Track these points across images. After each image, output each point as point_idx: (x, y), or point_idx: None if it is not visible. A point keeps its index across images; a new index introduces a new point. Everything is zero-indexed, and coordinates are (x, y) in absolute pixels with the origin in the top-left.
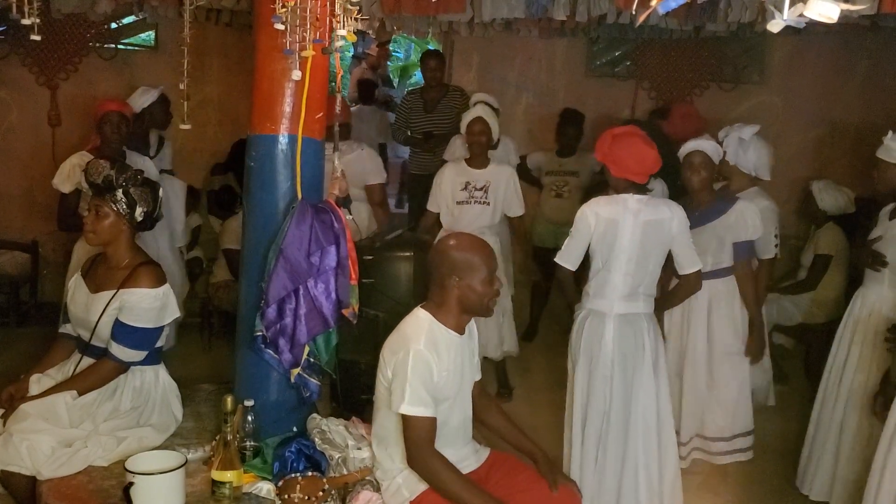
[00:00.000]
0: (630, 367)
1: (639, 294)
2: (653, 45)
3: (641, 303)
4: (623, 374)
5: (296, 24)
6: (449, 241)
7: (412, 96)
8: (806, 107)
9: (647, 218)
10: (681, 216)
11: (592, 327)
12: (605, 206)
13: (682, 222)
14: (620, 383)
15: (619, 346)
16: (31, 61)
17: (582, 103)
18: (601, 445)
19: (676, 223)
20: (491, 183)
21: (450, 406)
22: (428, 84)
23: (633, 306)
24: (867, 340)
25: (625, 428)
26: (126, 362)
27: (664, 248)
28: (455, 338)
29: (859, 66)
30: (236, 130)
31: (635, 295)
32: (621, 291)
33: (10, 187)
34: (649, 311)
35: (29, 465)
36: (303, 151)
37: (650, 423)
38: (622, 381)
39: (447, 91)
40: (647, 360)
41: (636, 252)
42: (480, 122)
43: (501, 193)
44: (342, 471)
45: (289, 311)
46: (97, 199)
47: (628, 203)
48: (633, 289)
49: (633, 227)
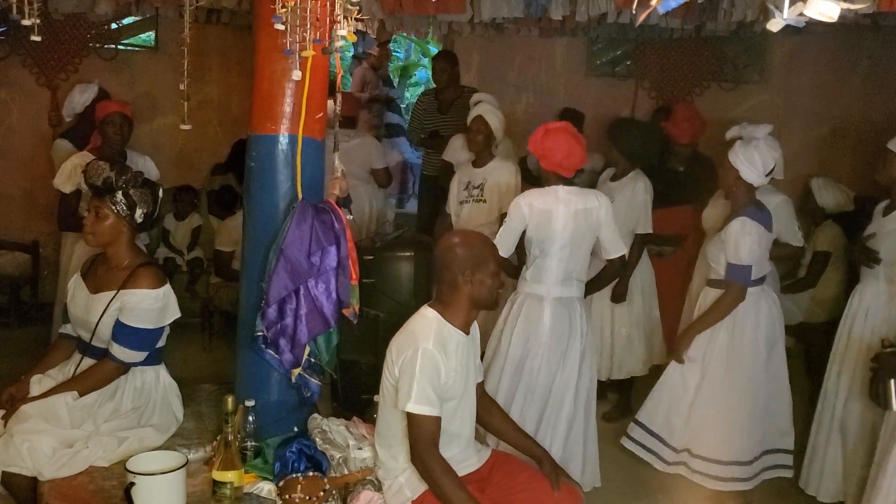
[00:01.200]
0: (562, 346)
1: (572, 279)
2: (653, 45)
3: (575, 287)
4: (555, 352)
5: (296, 25)
6: (453, 239)
7: (426, 97)
8: (806, 106)
9: (577, 207)
10: (607, 205)
11: (530, 309)
12: (538, 198)
13: (608, 210)
14: (555, 362)
15: (553, 328)
16: (31, 62)
17: (582, 103)
18: (538, 421)
19: (604, 211)
20: (487, 180)
21: (455, 406)
22: (438, 86)
23: (567, 290)
24: (864, 338)
25: (544, 404)
26: (127, 363)
27: (593, 235)
28: (462, 337)
29: (860, 65)
30: (237, 130)
31: (569, 280)
32: (557, 277)
33: (10, 188)
34: (580, 295)
35: (30, 466)
36: (303, 151)
37: (581, 398)
38: (550, 360)
39: (461, 92)
40: (578, 340)
41: (569, 239)
42: (478, 120)
43: (497, 190)
44: (343, 471)
45: (289, 311)
46: (97, 200)
47: (559, 194)
48: (567, 274)
49: (564, 216)
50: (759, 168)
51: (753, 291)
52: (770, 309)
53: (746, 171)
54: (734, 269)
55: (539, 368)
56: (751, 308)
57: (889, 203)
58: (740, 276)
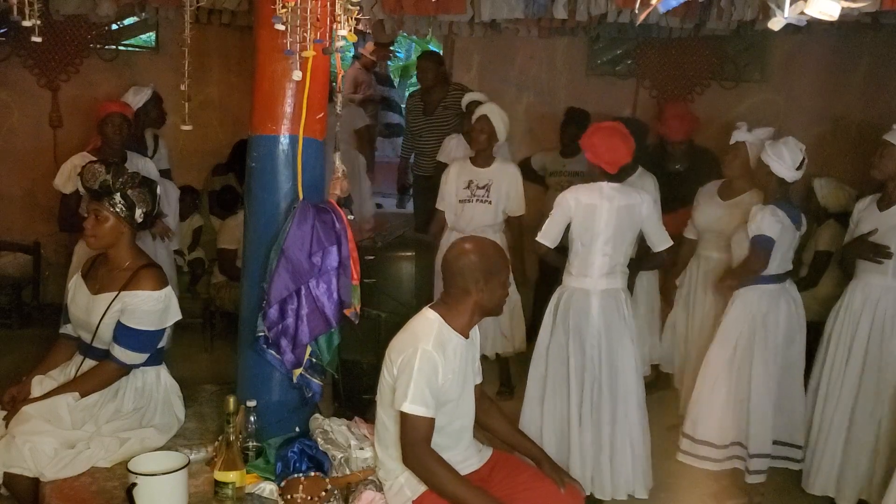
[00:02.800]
0: (615, 336)
1: (616, 272)
2: (653, 44)
3: (619, 279)
4: (609, 343)
5: (296, 25)
6: (465, 246)
7: (413, 99)
8: (807, 105)
9: (621, 203)
10: (649, 200)
11: (578, 303)
12: (584, 193)
13: (650, 206)
14: (607, 352)
15: (604, 319)
16: (32, 63)
17: (583, 102)
18: (594, 408)
19: (646, 207)
20: (493, 182)
21: (452, 408)
22: (422, 86)
23: (612, 282)
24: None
25: (614, 390)
26: (128, 364)
27: (635, 230)
28: (461, 340)
29: (860, 64)
30: (237, 131)
31: (614, 273)
32: (601, 270)
33: (11, 189)
34: (625, 286)
35: (32, 467)
36: (304, 152)
37: (632, 386)
38: (608, 350)
39: (448, 91)
40: (628, 328)
41: (612, 234)
42: (482, 120)
43: (504, 192)
44: (345, 471)
45: (291, 311)
46: (95, 203)
47: (603, 190)
48: (611, 268)
49: (608, 211)
50: (788, 162)
51: (773, 289)
52: (789, 306)
53: (776, 165)
54: (756, 239)
55: (595, 360)
56: (773, 306)
57: (881, 197)
58: (762, 244)
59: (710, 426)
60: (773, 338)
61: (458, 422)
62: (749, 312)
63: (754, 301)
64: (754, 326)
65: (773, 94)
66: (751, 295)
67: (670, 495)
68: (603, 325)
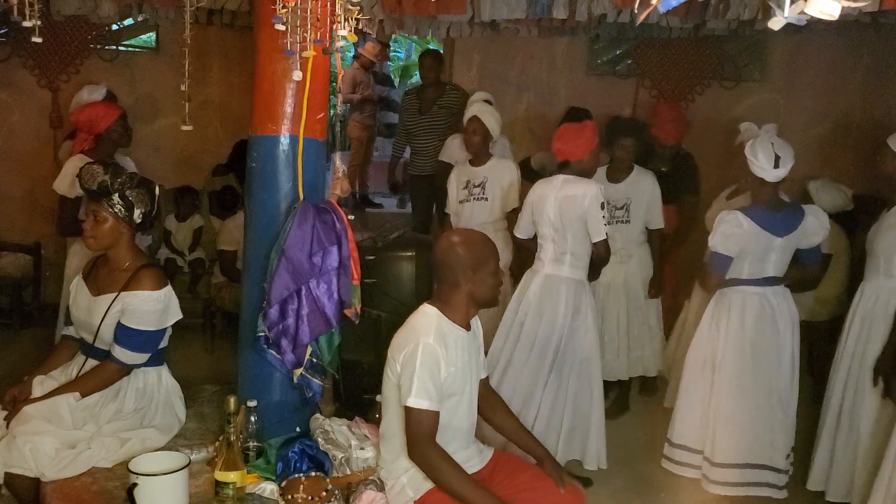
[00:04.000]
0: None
1: (564, 260)
2: (653, 44)
3: (566, 267)
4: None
5: (296, 25)
6: (453, 238)
7: (409, 97)
8: (807, 104)
9: (567, 193)
10: (593, 193)
11: (525, 284)
12: (540, 185)
13: (592, 199)
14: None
15: (538, 300)
16: (32, 63)
17: (583, 102)
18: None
19: (588, 199)
20: (488, 179)
21: (457, 402)
22: (423, 83)
23: (557, 269)
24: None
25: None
26: (129, 365)
27: (581, 219)
28: (462, 333)
29: (861, 64)
30: (238, 131)
31: (561, 261)
32: (548, 255)
33: (11, 189)
34: (575, 275)
35: (33, 467)
36: (304, 152)
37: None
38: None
39: (444, 91)
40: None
41: (557, 221)
42: (474, 121)
43: (499, 188)
44: (345, 471)
45: (291, 311)
46: (94, 204)
47: (553, 182)
48: (558, 255)
49: (555, 200)
50: (761, 161)
51: (753, 291)
52: (784, 315)
53: (753, 165)
54: (709, 256)
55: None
56: (752, 310)
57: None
58: (712, 261)
59: (687, 431)
60: (756, 345)
61: (461, 417)
62: (720, 313)
63: (725, 302)
64: (728, 332)
65: (773, 94)
66: (726, 296)
67: (671, 495)
68: (535, 306)
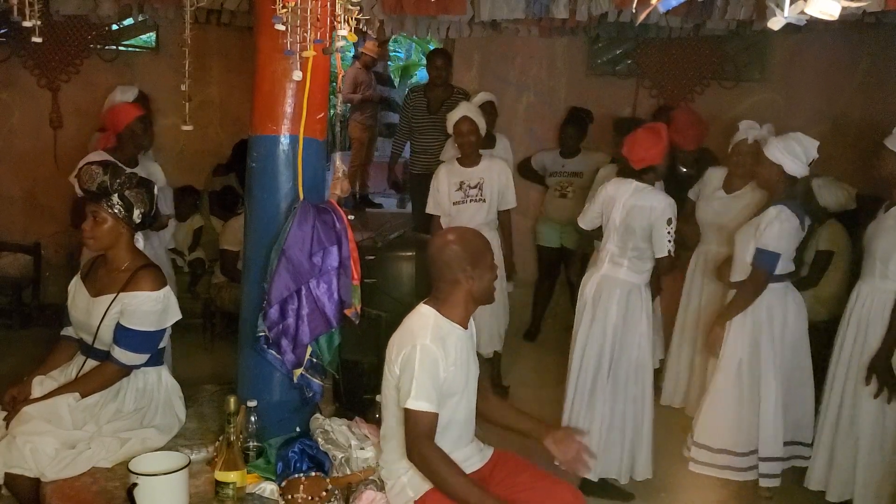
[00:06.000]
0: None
1: (622, 264)
2: (653, 44)
3: (623, 270)
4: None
5: (296, 25)
6: (448, 237)
7: (415, 95)
8: (807, 104)
9: (637, 203)
10: (662, 209)
11: (584, 285)
12: (612, 185)
13: (660, 214)
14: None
15: (591, 301)
16: (32, 63)
17: (583, 102)
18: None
19: (656, 214)
20: (485, 179)
21: (457, 401)
22: (433, 83)
23: (614, 271)
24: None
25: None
26: (128, 365)
27: (645, 230)
28: (461, 332)
29: (860, 64)
30: (238, 131)
31: (619, 264)
32: (608, 257)
33: (12, 189)
34: (633, 279)
35: (33, 467)
36: (304, 152)
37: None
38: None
39: (452, 92)
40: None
41: (620, 227)
42: (467, 121)
43: (495, 188)
44: (345, 471)
45: (291, 311)
46: (93, 204)
47: (624, 185)
48: (616, 258)
49: (624, 206)
50: (803, 158)
51: (778, 287)
52: (793, 305)
53: (790, 163)
54: (760, 254)
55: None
56: (779, 304)
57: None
58: (765, 261)
59: (726, 435)
60: (780, 337)
61: (461, 416)
62: (753, 314)
63: (758, 303)
64: (760, 327)
65: (773, 94)
66: (764, 296)
67: (671, 496)
68: (589, 305)
